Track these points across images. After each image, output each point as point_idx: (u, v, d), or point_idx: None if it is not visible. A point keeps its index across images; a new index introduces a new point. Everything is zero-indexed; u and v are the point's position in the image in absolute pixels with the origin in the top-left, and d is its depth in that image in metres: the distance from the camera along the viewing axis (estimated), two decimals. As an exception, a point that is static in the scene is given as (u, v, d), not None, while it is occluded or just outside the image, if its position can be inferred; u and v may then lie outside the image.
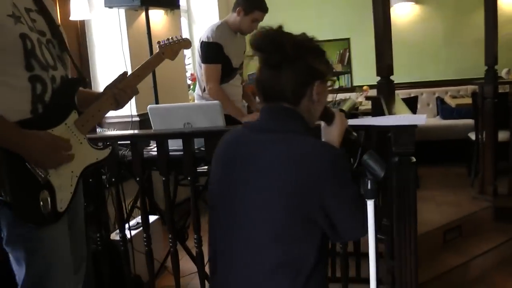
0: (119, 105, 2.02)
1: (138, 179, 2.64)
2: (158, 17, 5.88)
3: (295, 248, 1.47)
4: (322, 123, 1.80)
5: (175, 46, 2.31)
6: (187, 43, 2.41)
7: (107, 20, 5.08)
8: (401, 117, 2.21)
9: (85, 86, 2.00)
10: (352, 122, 2.19)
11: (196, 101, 3.94)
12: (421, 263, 2.44)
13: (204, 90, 3.78)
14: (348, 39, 7.16)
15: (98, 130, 4.21)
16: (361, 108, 5.02)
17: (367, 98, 4.59)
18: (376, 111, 3.29)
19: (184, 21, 7.21)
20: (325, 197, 1.43)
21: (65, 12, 3.46)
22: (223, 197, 1.60)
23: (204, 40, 3.73)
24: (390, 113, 2.52)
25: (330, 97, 6.00)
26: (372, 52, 3.32)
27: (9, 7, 1.70)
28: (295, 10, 7.77)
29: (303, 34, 1.63)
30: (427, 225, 3.73)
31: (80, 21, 3.62)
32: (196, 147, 2.60)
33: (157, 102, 4.78)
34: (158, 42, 2.26)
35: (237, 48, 3.86)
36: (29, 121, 1.73)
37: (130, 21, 5.23)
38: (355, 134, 1.85)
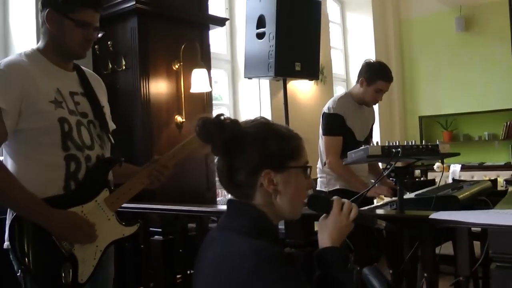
0: (153, 184, 2.10)
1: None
2: (306, 87, 5.90)
3: None
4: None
5: None
6: None
7: (250, 90, 5.27)
8: (502, 214, 1.81)
9: (121, 164, 2.10)
10: (436, 216, 1.86)
11: (318, 175, 3.76)
12: None
13: (325, 163, 3.59)
14: (516, 109, 6.45)
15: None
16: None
17: (508, 182, 3.91)
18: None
19: (341, 90, 7.16)
20: None
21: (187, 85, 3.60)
22: None
23: (325, 111, 3.58)
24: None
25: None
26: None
27: (51, 94, 1.90)
28: (460, 76, 7.30)
29: (253, 120, 1.46)
30: None
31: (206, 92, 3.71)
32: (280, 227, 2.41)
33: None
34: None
35: (362, 121, 3.63)
36: (61, 197, 1.87)
37: (274, 91, 5.32)
38: (382, 224, 1.51)
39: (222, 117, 1.41)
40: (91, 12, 1.94)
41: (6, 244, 1.86)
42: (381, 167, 3.93)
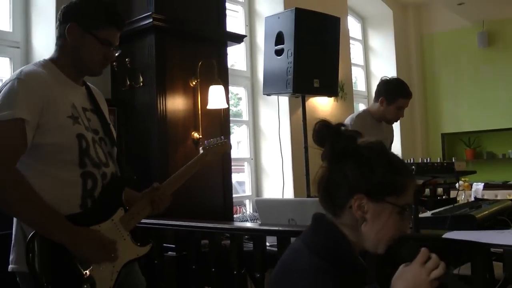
0: (154, 210, 2.05)
1: (235, 272, 2.52)
2: (326, 103, 5.86)
3: None
4: None
5: (217, 149, 2.35)
6: (227, 146, 2.41)
7: (270, 107, 5.25)
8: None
9: (133, 184, 2.05)
10: (450, 235, 1.83)
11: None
12: None
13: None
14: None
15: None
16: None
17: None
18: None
19: (363, 107, 7.09)
20: None
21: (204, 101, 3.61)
22: None
23: (342, 128, 3.57)
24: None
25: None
26: None
27: (68, 109, 1.86)
28: (483, 93, 7.19)
29: (373, 142, 1.39)
30: None
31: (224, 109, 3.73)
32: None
33: (308, 192, 4.65)
34: (202, 144, 2.32)
35: (380, 138, 3.58)
36: (78, 216, 1.81)
37: (293, 108, 5.30)
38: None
39: (342, 128, 1.40)
40: (115, 32, 1.94)
41: (13, 267, 1.81)
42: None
